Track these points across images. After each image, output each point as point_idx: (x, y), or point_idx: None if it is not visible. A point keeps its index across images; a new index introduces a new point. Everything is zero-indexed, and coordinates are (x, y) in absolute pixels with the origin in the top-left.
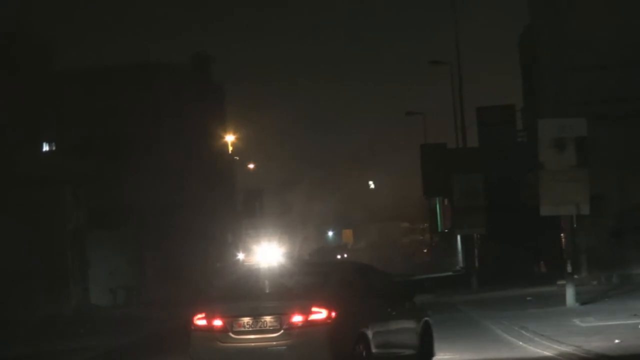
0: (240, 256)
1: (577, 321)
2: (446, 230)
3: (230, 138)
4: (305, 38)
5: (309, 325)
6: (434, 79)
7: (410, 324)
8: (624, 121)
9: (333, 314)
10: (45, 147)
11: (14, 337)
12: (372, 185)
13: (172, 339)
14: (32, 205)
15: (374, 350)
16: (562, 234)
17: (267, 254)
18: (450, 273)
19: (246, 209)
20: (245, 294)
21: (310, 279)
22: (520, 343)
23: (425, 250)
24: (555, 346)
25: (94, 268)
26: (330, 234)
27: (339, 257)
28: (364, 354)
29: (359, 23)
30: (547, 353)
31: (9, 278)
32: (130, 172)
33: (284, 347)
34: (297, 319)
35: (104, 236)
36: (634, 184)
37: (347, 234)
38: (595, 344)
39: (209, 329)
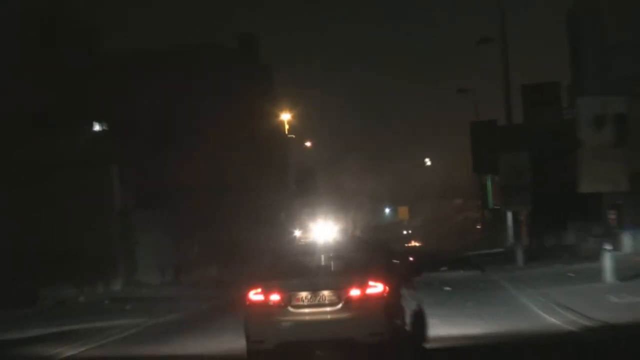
0: (297, 233)
1: (611, 297)
2: (497, 207)
3: (286, 117)
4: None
5: (366, 298)
6: (483, 57)
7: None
8: None
9: (387, 288)
10: (96, 128)
11: (62, 314)
12: (428, 162)
13: (217, 316)
14: (80, 187)
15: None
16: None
17: (323, 231)
18: (501, 249)
19: (300, 187)
20: (302, 270)
21: (361, 256)
22: (548, 317)
23: (478, 227)
24: (581, 321)
25: (143, 247)
26: (387, 211)
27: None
28: (404, 326)
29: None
30: (571, 328)
31: (59, 257)
32: (179, 153)
33: (344, 319)
34: (355, 292)
35: (152, 216)
36: None
37: (403, 211)
38: (623, 320)
39: (266, 304)
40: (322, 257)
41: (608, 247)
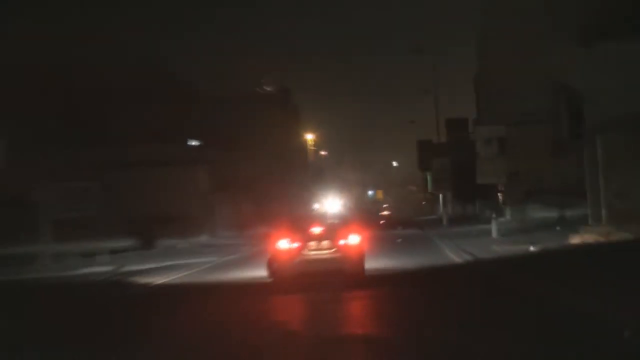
0: (316, 206)
1: (494, 246)
2: (433, 192)
3: (309, 136)
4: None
5: (348, 245)
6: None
7: None
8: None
9: (361, 238)
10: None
11: (168, 255)
12: (395, 163)
13: (260, 256)
14: (183, 177)
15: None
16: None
17: (331, 204)
18: (435, 216)
19: (315, 178)
20: (310, 227)
21: (347, 219)
22: (452, 256)
23: (423, 203)
24: (469, 258)
25: (220, 214)
26: (370, 193)
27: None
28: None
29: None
30: (461, 261)
31: (169, 219)
32: (242, 158)
33: (336, 257)
34: (342, 241)
35: (225, 196)
36: (535, 165)
37: (379, 193)
38: (493, 256)
39: (289, 249)
40: (324, 220)
41: (495, 216)
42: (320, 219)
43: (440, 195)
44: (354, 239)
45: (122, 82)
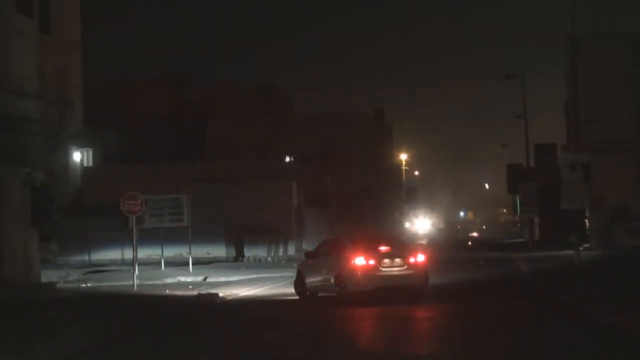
0: (407, 225)
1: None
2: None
3: (404, 156)
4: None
5: (417, 263)
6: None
7: None
8: (616, 154)
9: (426, 258)
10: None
11: (255, 267)
12: (487, 186)
13: None
14: (276, 191)
15: None
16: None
17: (422, 224)
18: (522, 240)
19: (408, 198)
20: (385, 247)
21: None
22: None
23: (519, 225)
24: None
25: (309, 229)
26: (462, 213)
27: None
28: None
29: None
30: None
31: (260, 232)
32: (337, 176)
33: (406, 274)
34: (412, 259)
35: (315, 211)
36: (621, 192)
37: (470, 214)
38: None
39: (366, 265)
40: (393, 240)
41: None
42: (391, 238)
43: (529, 220)
44: (420, 258)
45: (225, 96)
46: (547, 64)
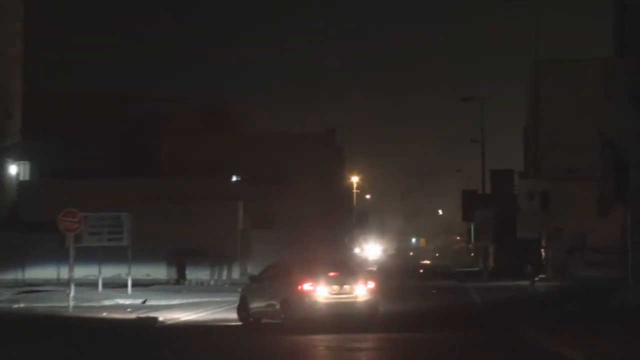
0: (357, 250)
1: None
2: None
3: (355, 179)
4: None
5: (367, 290)
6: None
7: None
8: (575, 183)
9: (376, 285)
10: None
11: (197, 291)
12: (440, 212)
13: None
14: (221, 212)
15: None
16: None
17: (372, 250)
18: (476, 269)
19: (358, 223)
20: (334, 272)
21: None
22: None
23: (472, 254)
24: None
25: (255, 252)
26: (413, 240)
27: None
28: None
29: None
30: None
31: (203, 254)
32: (285, 197)
33: (355, 301)
34: (362, 286)
35: (262, 233)
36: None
37: (422, 241)
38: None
39: (313, 291)
40: (342, 265)
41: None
42: (340, 263)
43: (483, 248)
44: (370, 285)
45: (174, 113)
46: (509, 88)
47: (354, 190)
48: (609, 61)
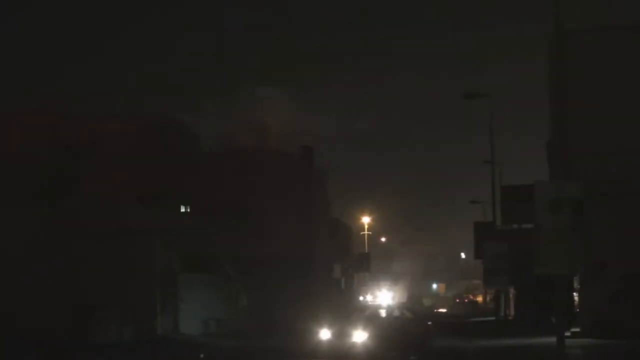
0: (369, 298)
1: None
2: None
3: (366, 219)
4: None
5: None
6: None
7: None
8: (620, 199)
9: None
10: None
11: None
12: (463, 255)
13: None
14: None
15: None
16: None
17: (384, 297)
18: (493, 318)
19: (358, 266)
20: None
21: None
22: None
23: (487, 299)
24: None
25: (193, 303)
26: (434, 286)
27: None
28: None
29: None
30: None
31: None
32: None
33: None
34: None
35: (202, 279)
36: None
37: (442, 287)
38: None
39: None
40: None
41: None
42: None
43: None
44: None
45: (113, 132)
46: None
47: (365, 232)
48: None
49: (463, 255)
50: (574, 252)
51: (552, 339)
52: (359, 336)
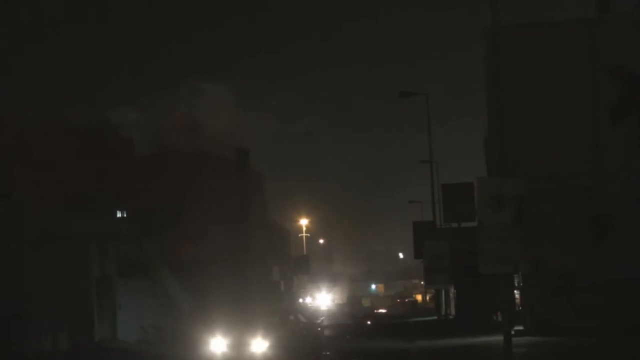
0: (308, 300)
1: None
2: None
3: (304, 222)
4: None
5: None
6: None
7: None
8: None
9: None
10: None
11: None
12: (401, 255)
13: None
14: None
15: None
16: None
17: (323, 299)
18: (435, 317)
19: (297, 268)
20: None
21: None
22: None
23: (428, 299)
24: None
25: (130, 309)
26: (373, 286)
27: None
28: None
29: None
30: None
31: (36, 315)
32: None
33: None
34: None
35: (139, 284)
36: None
37: (380, 287)
38: None
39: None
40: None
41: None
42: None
43: (443, 291)
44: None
45: (44, 136)
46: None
47: (304, 235)
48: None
49: (401, 255)
50: (517, 250)
51: (496, 338)
52: (259, 346)
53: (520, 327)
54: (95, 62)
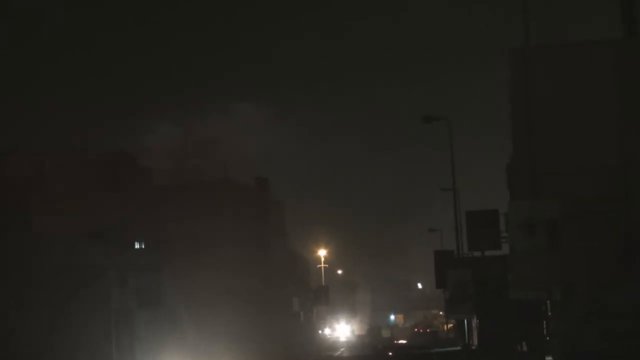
0: (327, 331)
1: None
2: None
3: (322, 252)
4: None
5: None
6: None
7: None
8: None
9: None
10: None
11: None
12: (420, 285)
13: None
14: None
15: None
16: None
17: (343, 330)
18: (457, 348)
19: (317, 299)
20: None
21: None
22: None
23: (446, 329)
24: None
25: (150, 340)
26: (392, 317)
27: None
28: None
29: None
30: None
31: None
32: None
33: None
34: None
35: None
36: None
37: (400, 317)
38: None
39: None
40: None
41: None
42: None
43: (466, 321)
44: None
45: (62, 168)
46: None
47: (322, 265)
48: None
49: (420, 285)
50: (550, 275)
51: None
52: None
53: (549, 358)
54: (111, 87)
